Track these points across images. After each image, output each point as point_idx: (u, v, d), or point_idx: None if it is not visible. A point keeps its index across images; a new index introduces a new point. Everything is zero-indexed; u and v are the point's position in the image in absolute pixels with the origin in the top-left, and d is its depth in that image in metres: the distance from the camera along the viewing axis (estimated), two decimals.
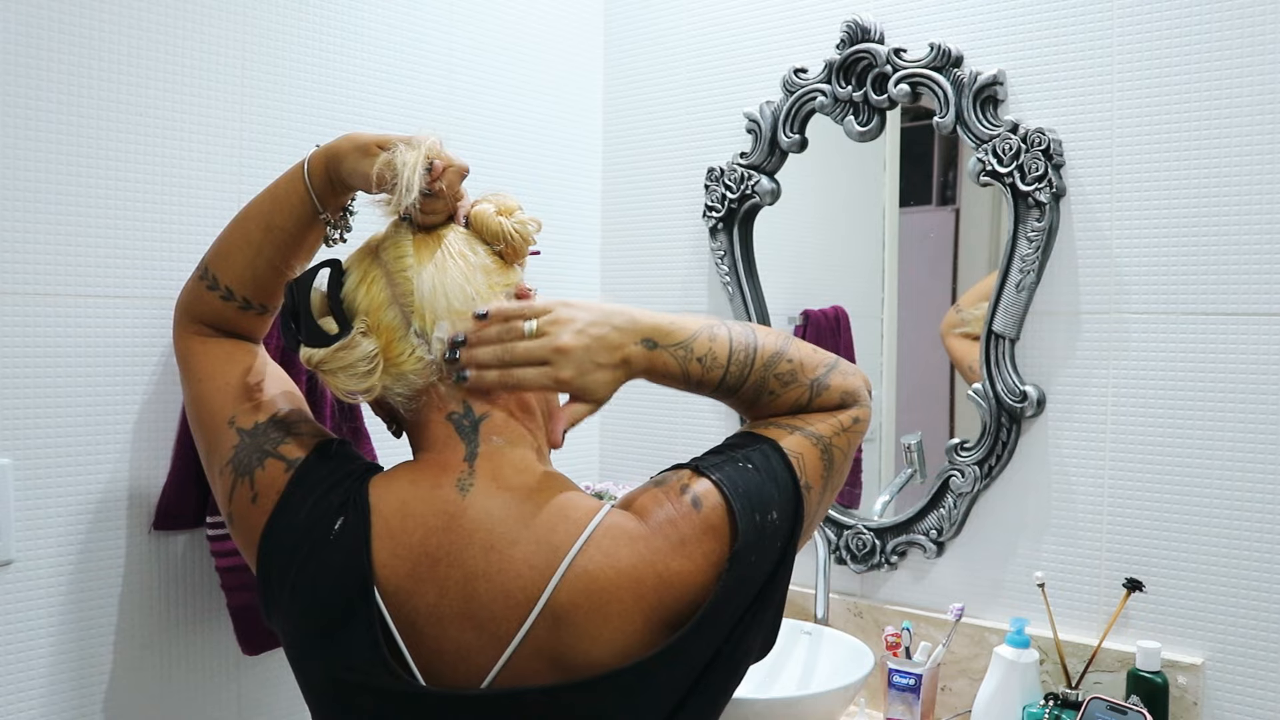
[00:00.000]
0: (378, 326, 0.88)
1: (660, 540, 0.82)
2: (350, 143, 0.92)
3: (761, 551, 0.84)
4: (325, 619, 0.85)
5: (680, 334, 0.89)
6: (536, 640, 0.81)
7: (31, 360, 1.13)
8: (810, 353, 0.95)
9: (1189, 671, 1.32)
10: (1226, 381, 1.31)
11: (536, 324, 0.85)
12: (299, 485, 0.90)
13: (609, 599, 0.80)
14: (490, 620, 0.81)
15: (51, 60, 1.13)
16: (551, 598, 0.80)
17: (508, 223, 0.92)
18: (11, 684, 1.12)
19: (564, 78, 1.83)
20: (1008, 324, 1.45)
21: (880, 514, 1.62)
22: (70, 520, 1.16)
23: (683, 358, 0.89)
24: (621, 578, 0.81)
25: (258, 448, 0.93)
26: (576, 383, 0.85)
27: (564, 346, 0.84)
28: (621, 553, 0.81)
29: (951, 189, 1.58)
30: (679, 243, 1.81)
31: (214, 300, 1.01)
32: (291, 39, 1.37)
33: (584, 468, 1.90)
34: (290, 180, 0.97)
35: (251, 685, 1.34)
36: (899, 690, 1.43)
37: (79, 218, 1.16)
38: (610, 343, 0.86)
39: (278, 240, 0.98)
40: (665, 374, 0.90)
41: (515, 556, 0.82)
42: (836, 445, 0.93)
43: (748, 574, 0.83)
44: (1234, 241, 1.30)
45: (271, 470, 0.91)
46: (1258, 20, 1.27)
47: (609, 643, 0.80)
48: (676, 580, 0.81)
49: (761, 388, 0.92)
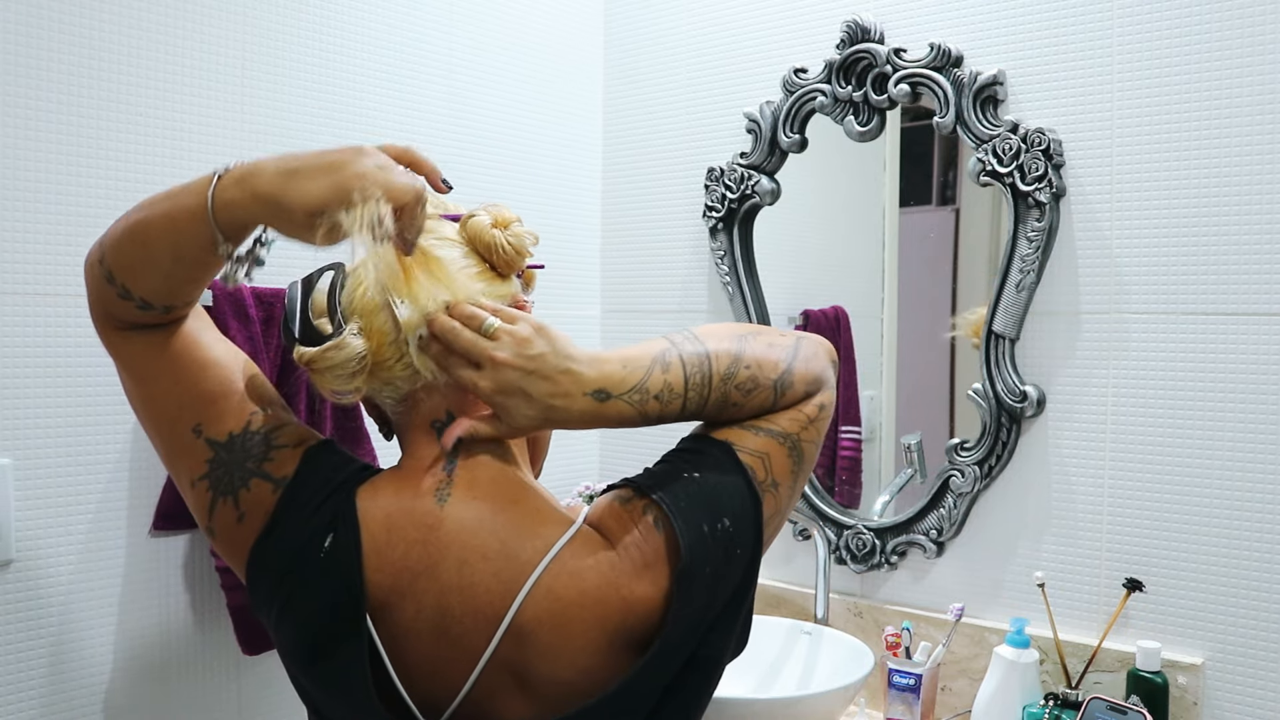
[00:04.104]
0: (370, 330, 0.87)
1: (626, 563, 0.81)
2: (274, 205, 0.77)
3: (718, 560, 0.83)
4: (317, 639, 0.83)
5: (632, 377, 0.85)
6: (503, 656, 0.81)
7: (31, 360, 1.13)
8: (766, 348, 0.90)
9: (1189, 671, 1.32)
10: (1226, 381, 1.31)
11: (496, 326, 0.83)
12: (289, 504, 0.86)
13: (572, 618, 0.80)
14: (462, 635, 0.81)
15: (51, 60, 1.13)
16: (516, 615, 0.80)
17: (501, 235, 0.90)
18: (11, 684, 1.12)
19: (564, 78, 1.83)
20: (1008, 324, 1.45)
21: (880, 514, 1.62)
22: (70, 520, 1.16)
23: (639, 402, 0.85)
24: (585, 598, 0.80)
25: (238, 465, 0.87)
26: (494, 399, 0.83)
27: (499, 359, 0.82)
28: (587, 573, 0.81)
29: (951, 189, 1.58)
30: (679, 243, 1.81)
31: (130, 308, 0.87)
32: (291, 39, 1.37)
33: (584, 468, 1.90)
34: (193, 215, 0.80)
35: (251, 685, 1.34)
36: (899, 690, 1.43)
37: (79, 218, 1.16)
38: (554, 387, 0.83)
39: (190, 267, 0.84)
40: (621, 421, 0.86)
41: (486, 571, 0.81)
42: (804, 439, 0.91)
43: (703, 586, 0.82)
44: (1234, 241, 1.30)
45: (258, 491, 0.87)
46: (1258, 20, 1.27)
47: (571, 661, 0.80)
48: (639, 604, 0.81)
49: (724, 402, 0.89)
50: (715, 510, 0.84)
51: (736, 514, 0.85)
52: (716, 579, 0.83)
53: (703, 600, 0.82)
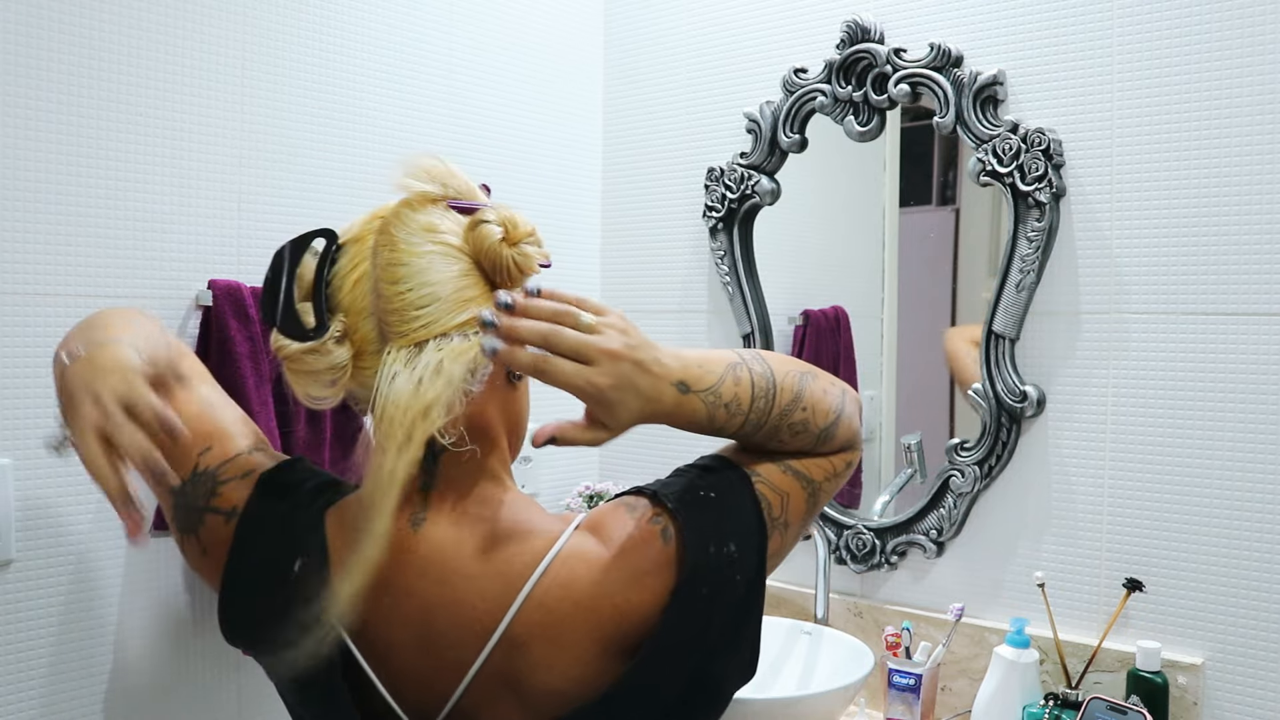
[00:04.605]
0: (353, 332, 0.83)
1: (619, 570, 0.80)
2: None
3: (716, 583, 0.81)
4: (296, 661, 0.81)
5: (709, 378, 0.83)
6: (494, 667, 0.80)
7: (31, 360, 1.13)
8: (822, 394, 0.90)
9: (1189, 671, 1.32)
10: (1226, 381, 1.31)
11: (593, 321, 0.78)
12: (246, 530, 0.86)
13: (564, 630, 0.79)
14: (448, 648, 0.80)
15: (51, 60, 1.13)
16: (508, 628, 0.79)
17: (508, 253, 0.83)
18: (11, 684, 1.12)
19: (564, 78, 1.83)
20: (1008, 324, 1.45)
21: (880, 514, 1.62)
22: (70, 520, 1.16)
23: (712, 403, 0.83)
24: (578, 609, 0.79)
25: (190, 507, 0.89)
26: (610, 395, 0.78)
27: (616, 352, 0.78)
28: (579, 583, 0.79)
29: (951, 189, 1.58)
30: (679, 243, 1.81)
31: None
32: (291, 39, 1.37)
33: (584, 467, 1.90)
34: None
35: (251, 685, 1.34)
36: (899, 690, 1.43)
37: (79, 218, 1.16)
38: (653, 378, 0.80)
39: None
40: (691, 420, 0.84)
41: (472, 590, 0.80)
42: (824, 489, 0.92)
43: (699, 605, 0.80)
44: (1234, 241, 1.30)
45: (212, 525, 0.88)
46: (1258, 20, 1.27)
47: (564, 671, 0.79)
48: (634, 612, 0.80)
49: (772, 436, 0.88)
50: (723, 533, 0.83)
51: (743, 541, 0.84)
52: (713, 601, 0.81)
53: (698, 620, 0.81)
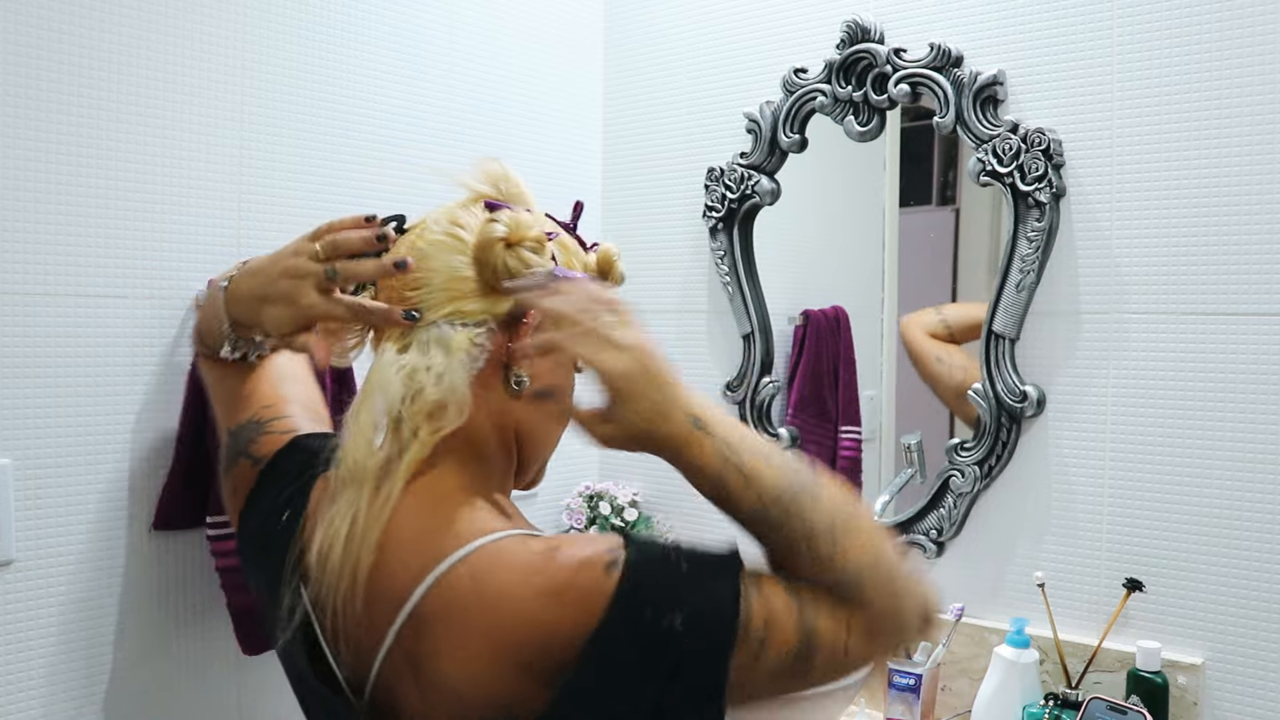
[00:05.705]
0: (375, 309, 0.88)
1: (542, 579, 0.75)
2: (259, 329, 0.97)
3: (644, 651, 0.73)
4: (273, 611, 0.88)
5: (730, 434, 0.78)
6: (404, 644, 0.79)
7: (31, 360, 1.13)
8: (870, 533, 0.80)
9: (1189, 671, 1.32)
10: (1226, 381, 1.31)
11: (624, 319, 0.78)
12: (264, 482, 0.95)
13: (464, 619, 0.76)
14: (372, 615, 0.80)
15: (51, 60, 1.13)
16: (416, 605, 0.78)
17: (503, 253, 0.83)
18: (11, 684, 1.12)
19: (564, 78, 1.83)
20: (1008, 324, 1.45)
21: (880, 514, 1.62)
22: (70, 520, 1.16)
23: (724, 459, 0.77)
24: (482, 602, 0.75)
25: (233, 449, 1.00)
26: (619, 383, 0.77)
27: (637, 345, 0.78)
28: (491, 575, 0.76)
29: (951, 189, 1.58)
30: (679, 243, 1.81)
31: None
32: (291, 39, 1.37)
33: (584, 467, 1.90)
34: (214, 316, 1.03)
35: (251, 685, 1.34)
36: (899, 690, 1.43)
37: (79, 218, 1.16)
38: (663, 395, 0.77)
39: None
40: (700, 466, 0.78)
41: (397, 559, 0.80)
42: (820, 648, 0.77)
43: (617, 665, 0.73)
44: (1234, 241, 1.30)
45: (242, 467, 0.98)
46: (1258, 20, 1.27)
47: (460, 665, 0.76)
48: (537, 627, 0.73)
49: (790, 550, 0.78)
50: (670, 603, 0.73)
51: (693, 622, 0.73)
52: (635, 669, 0.73)
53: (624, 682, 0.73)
